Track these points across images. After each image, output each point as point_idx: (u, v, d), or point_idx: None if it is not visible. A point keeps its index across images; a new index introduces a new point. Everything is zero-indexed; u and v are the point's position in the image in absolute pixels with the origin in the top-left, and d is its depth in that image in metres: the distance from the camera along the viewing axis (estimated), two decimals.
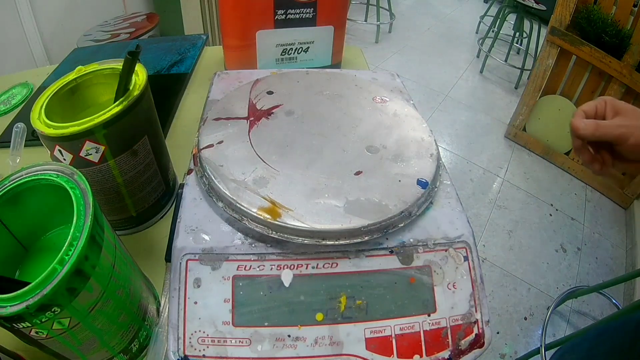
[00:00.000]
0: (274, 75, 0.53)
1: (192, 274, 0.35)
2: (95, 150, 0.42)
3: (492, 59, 3.06)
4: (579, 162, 2.15)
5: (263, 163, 0.40)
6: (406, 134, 0.45)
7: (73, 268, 0.28)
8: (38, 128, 0.40)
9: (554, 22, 2.00)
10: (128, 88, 0.44)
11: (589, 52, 1.93)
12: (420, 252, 0.38)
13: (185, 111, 0.77)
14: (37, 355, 0.40)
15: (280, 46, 0.75)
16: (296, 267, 0.36)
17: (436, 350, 0.36)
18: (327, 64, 0.80)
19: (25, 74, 0.88)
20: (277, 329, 0.34)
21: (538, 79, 2.16)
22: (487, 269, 1.72)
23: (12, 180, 0.34)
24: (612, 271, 1.78)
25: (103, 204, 0.48)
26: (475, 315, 0.37)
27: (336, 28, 0.76)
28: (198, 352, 0.33)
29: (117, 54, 0.89)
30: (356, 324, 0.35)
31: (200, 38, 0.96)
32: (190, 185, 0.41)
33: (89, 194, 0.32)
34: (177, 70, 0.85)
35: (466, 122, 2.56)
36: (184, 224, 0.37)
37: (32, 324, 0.28)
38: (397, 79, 0.60)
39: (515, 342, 1.49)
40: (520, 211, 1.99)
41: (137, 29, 2.00)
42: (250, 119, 0.45)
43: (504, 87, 2.94)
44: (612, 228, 1.97)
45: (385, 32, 3.49)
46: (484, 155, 2.30)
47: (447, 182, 0.44)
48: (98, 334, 0.34)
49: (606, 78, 1.97)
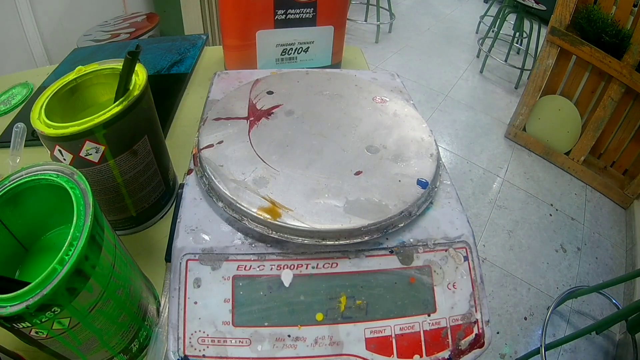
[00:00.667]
0: (274, 75, 0.53)
1: (192, 274, 0.35)
2: (95, 150, 0.42)
3: (492, 59, 3.06)
4: (579, 162, 2.15)
5: (263, 163, 0.40)
6: (406, 134, 0.45)
7: (73, 268, 0.28)
8: (38, 128, 0.40)
9: (554, 22, 2.01)
10: (128, 88, 0.44)
11: (589, 52, 1.93)
12: (420, 252, 0.38)
13: (185, 111, 0.77)
14: (37, 355, 0.40)
15: (280, 46, 0.75)
16: (296, 267, 0.36)
17: (436, 350, 0.36)
18: (327, 64, 0.80)
19: (25, 74, 0.88)
20: (277, 329, 0.34)
21: (538, 79, 2.16)
22: (487, 269, 1.72)
23: (12, 180, 0.34)
24: (612, 271, 1.79)
25: (103, 204, 0.48)
26: (475, 315, 0.37)
27: (336, 28, 0.76)
28: (198, 352, 0.33)
29: (117, 54, 0.89)
30: (356, 324, 0.35)
31: (200, 38, 0.96)
32: (190, 185, 0.41)
33: (89, 194, 0.32)
34: (177, 70, 0.85)
35: (466, 122, 2.56)
36: (184, 224, 0.37)
37: (32, 324, 0.28)
38: (397, 79, 0.60)
39: (515, 342, 1.49)
40: (520, 211, 1.99)
41: (137, 29, 2.00)
42: (250, 119, 0.45)
43: (504, 87, 2.94)
44: (612, 228, 1.97)
45: (385, 32, 3.49)
46: (484, 155, 2.30)
47: (447, 182, 0.44)
48: (98, 334, 0.34)
49: (606, 78, 1.97)
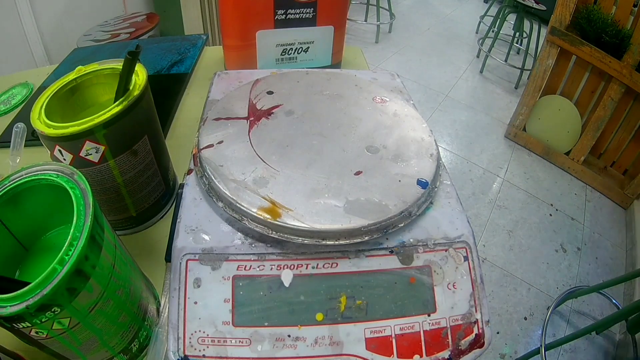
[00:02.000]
0: (274, 75, 0.53)
1: (192, 274, 0.35)
2: (95, 150, 0.42)
3: (492, 59, 3.06)
4: (579, 162, 2.15)
5: (263, 163, 0.40)
6: (406, 134, 0.45)
7: (73, 268, 0.28)
8: (38, 128, 0.40)
9: (554, 22, 2.01)
10: (128, 88, 0.44)
11: (589, 52, 1.93)
12: (420, 252, 0.38)
13: (185, 111, 0.77)
14: (37, 356, 0.40)
15: (280, 46, 0.75)
16: (296, 267, 0.36)
17: (436, 350, 0.36)
18: (327, 64, 0.80)
19: (25, 73, 0.88)
20: (277, 329, 0.34)
21: (538, 79, 2.16)
22: (487, 269, 1.72)
23: (12, 180, 0.34)
24: (612, 271, 1.79)
25: (103, 204, 0.48)
26: (475, 315, 0.37)
27: (336, 28, 0.76)
28: (198, 352, 0.33)
29: (117, 54, 0.89)
30: (356, 324, 0.35)
31: (200, 38, 0.96)
32: (190, 185, 0.41)
33: (89, 194, 0.32)
34: (177, 70, 0.85)
35: (466, 122, 2.56)
36: (184, 224, 0.37)
37: (32, 324, 0.28)
38: (397, 78, 0.60)
39: (515, 342, 1.49)
40: (520, 211, 1.99)
41: (137, 29, 2.00)
42: (250, 119, 0.45)
43: (504, 87, 2.94)
44: (612, 228, 1.97)
45: (385, 32, 3.49)
46: (484, 155, 2.30)
47: (447, 182, 0.44)
48: (98, 334, 0.34)
49: (606, 78, 1.97)
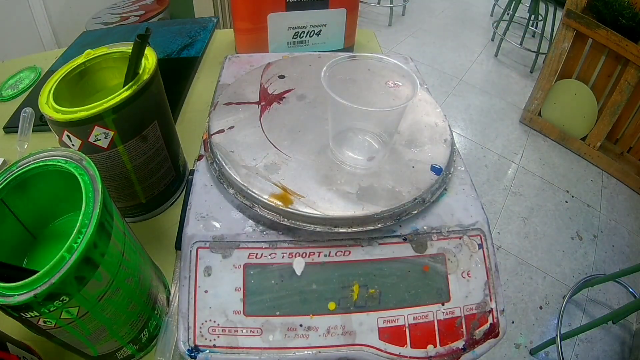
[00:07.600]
0: (286, 59, 0.52)
1: (203, 262, 0.35)
2: (104, 136, 0.41)
3: (507, 43, 3.00)
4: (595, 147, 2.11)
5: (274, 149, 0.39)
6: (420, 119, 0.44)
7: (82, 256, 0.27)
8: (46, 113, 0.39)
9: (570, 4, 1.95)
10: (137, 72, 0.43)
11: (605, 36, 1.88)
12: (434, 239, 0.37)
13: (196, 96, 0.76)
14: (45, 345, 0.40)
15: (292, 29, 0.73)
16: (308, 255, 0.35)
17: (450, 340, 0.35)
18: (339, 48, 0.79)
19: (33, 57, 0.88)
20: (289, 318, 0.34)
21: (554, 62, 2.11)
22: (502, 256, 1.70)
23: (20, 166, 0.34)
24: (629, 259, 1.76)
25: (112, 190, 0.48)
26: (490, 304, 0.36)
27: (349, 10, 0.74)
28: (208, 342, 0.33)
29: (127, 37, 0.88)
30: (369, 314, 0.35)
31: (210, 21, 0.95)
32: (201, 172, 0.40)
33: (97, 181, 0.31)
34: (188, 53, 0.84)
35: (481, 107, 2.52)
36: (195, 211, 0.37)
37: (40, 313, 0.28)
38: (410, 62, 0.58)
39: (531, 331, 1.48)
40: (536, 198, 1.97)
41: (147, 11, 1.99)
42: (261, 103, 0.44)
43: (519, 71, 2.88)
44: (628, 215, 1.94)
45: (399, 15, 3.43)
46: (498, 141, 2.27)
47: (461, 168, 0.43)
48: (107, 324, 0.33)
49: (623, 62, 1.91)
